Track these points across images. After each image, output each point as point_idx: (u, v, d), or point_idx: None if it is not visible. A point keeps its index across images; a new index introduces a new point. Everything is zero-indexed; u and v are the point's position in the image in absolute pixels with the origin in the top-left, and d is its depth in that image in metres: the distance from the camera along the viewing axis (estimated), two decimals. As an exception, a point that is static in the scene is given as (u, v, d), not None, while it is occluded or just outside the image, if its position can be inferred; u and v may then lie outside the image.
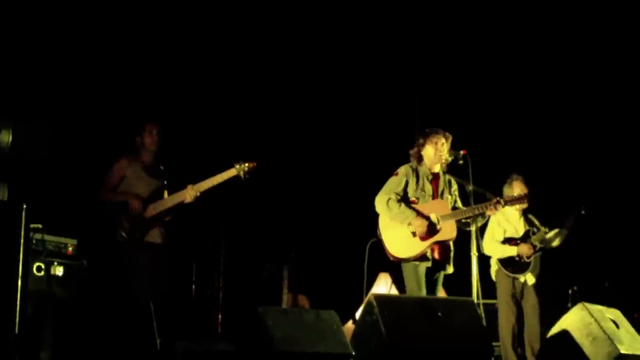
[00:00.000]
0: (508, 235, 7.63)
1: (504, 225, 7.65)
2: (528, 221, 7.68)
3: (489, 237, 7.64)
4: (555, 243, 7.62)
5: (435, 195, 6.70)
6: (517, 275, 7.50)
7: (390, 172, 6.76)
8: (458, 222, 6.55)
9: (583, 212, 7.54)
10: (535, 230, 7.57)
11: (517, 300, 7.52)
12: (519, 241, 7.56)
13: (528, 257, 7.48)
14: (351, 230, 8.23)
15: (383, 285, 9.02)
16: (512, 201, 6.66)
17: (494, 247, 7.59)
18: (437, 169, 6.77)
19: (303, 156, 10.09)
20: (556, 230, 7.55)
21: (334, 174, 10.12)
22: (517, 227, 7.64)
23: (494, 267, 7.64)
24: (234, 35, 9.65)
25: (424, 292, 6.47)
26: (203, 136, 9.18)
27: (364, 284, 6.94)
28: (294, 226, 9.70)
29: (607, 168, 9.88)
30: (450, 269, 6.68)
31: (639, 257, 9.53)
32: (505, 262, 7.57)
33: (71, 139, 8.53)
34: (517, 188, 7.50)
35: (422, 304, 5.77)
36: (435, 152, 6.69)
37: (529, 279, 7.50)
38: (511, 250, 7.54)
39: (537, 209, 7.70)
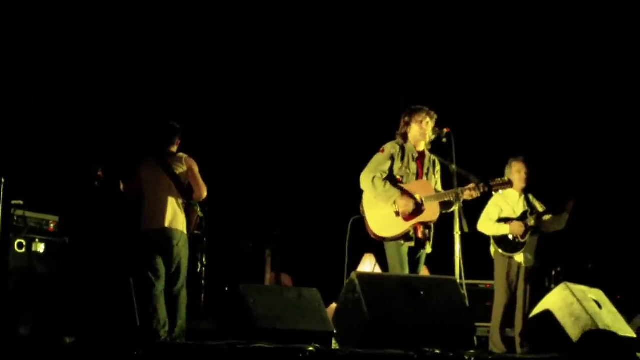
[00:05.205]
0: (505, 215, 7.57)
1: (501, 206, 7.59)
2: (528, 202, 7.61)
3: (485, 216, 7.59)
4: (556, 226, 7.54)
5: (420, 174, 6.66)
6: (510, 254, 7.45)
7: (375, 149, 6.70)
8: (440, 204, 6.52)
9: (585, 195, 7.48)
10: (532, 211, 7.52)
11: (513, 281, 7.47)
12: (515, 220, 7.50)
13: (522, 237, 7.42)
14: (336, 208, 8.19)
15: (368, 267, 9.00)
16: (496, 186, 6.61)
17: (488, 225, 7.54)
18: (422, 147, 6.72)
19: (286, 134, 10.06)
20: (550, 215, 7.50)
21: (317, 151, 10.07)
22: (516, 208, 7.58)
23: (492, 246, 7.60)
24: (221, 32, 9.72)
25: (406, 271, 6.43)
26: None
27: (345, 262, 6.88)
28: (277, 204, 9.66)
29: (605, 151, 9.84)
30: (429, 248, 6.66)
31: (622, 238, 9.55)
32: (499, 240, 7.50)
33: (54, 114, 8.50)
34: (514, 168, 7.47)
35: (405, 282, 5.76)
36: (420, 131, 6.66)
37: (524, 261, 7.45)
38: (504, 229, 7.48)
39: (538, 191, 7.66)
